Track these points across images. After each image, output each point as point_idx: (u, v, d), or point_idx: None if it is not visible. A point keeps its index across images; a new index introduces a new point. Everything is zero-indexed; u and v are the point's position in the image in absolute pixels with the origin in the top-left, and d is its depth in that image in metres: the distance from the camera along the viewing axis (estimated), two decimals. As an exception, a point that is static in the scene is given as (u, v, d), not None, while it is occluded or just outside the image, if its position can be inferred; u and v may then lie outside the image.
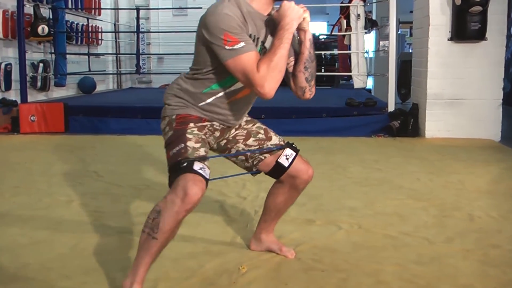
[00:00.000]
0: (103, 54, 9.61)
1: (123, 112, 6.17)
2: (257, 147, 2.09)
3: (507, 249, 2.38)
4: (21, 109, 5.90)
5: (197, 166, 1.75)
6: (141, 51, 8.84)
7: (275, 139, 2.11)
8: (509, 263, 2.23)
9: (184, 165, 1.75)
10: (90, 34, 8.83)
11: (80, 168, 4.08)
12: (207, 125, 1.97)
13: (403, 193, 3.35)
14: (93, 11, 9.04)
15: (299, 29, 1.91)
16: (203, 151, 1.84)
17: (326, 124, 5.83)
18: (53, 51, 7.47)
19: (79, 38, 8.56)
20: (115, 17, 10.21)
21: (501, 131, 5.50)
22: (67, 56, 7.72)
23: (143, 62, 10.01)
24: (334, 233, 2.57)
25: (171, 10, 10.18)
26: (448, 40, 5.43)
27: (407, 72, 6.80)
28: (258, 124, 2.15)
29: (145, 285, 1.86)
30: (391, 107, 5.98)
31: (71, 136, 5.74)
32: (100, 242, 2.43)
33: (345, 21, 7.04)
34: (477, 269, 2.16)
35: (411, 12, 6.37)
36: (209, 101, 1.95)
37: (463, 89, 5.48)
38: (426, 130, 5.56)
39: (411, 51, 7.71)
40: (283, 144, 2.11)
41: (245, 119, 2.14)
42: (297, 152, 2.11)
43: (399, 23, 9.49)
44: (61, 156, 4.57)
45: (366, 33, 6.84)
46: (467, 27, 5.27)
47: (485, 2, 5.19)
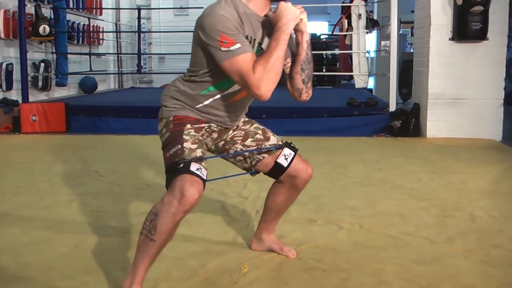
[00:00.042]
0: (104, 54, 9.62)
1: (124, 112, 6.17)
2: (255, 147, 2.08)
3: (508, 249, 2.38)
4: (23, 108, 5.91)
5: (194, 167, 1.74)
6: (142, 51, 8.83)
7: (273, 139, 2.11)
8: (510, 263, 2.23)
9: (181, 166, 1.74)
10: (91, 34, 8.82)
11: (81, 168, 4.08)
12: (204, 127, 1.96)
13: (404, 193, 3.35)
14: (94, 11, 9.04)
15: (296, 30, 1.89)
16: (200, 152, 1.83)
17: (327, 124, 5.83)
18: (54, 51, 7.46)
19: (81, 38, 8.56)
20: (116, 17, 10.22)
21: (502, 131, 5.50)
22: (69, 56, 7.71)
23: (144, 62, 10.01)
24: (335, 233, 2.57)
25: (172, 10, 10.18)
26: (449, 40, 5.43)
27: (408, 72, 6.79)
28: (256, 124, 2.15)
29: (146, 285, 1.86)
30: (392, 107, 5.98)
31: (72, 135, 5.74)
32: (101, 241, 2.44)
33: (346, 21, 7.03)
34: (478, 269, 2.15)
35: (412, 12, 6.37)
36: (206, 103, 1.94)
37: (464, 89, 5.48)
38: (427, 130, 5.56)
39: (412, 51, 7.71)
40: (281, 144, 2.10)
41: (243, 120, 2.13)
42: (295, 151, 2.10)
43: (401, 23, 9.51)
44: (62, 156, 4.57)
45: (367, 33, 6.83)
46: (468, 27, 5.27)
47: (486, 2, 5.19)
